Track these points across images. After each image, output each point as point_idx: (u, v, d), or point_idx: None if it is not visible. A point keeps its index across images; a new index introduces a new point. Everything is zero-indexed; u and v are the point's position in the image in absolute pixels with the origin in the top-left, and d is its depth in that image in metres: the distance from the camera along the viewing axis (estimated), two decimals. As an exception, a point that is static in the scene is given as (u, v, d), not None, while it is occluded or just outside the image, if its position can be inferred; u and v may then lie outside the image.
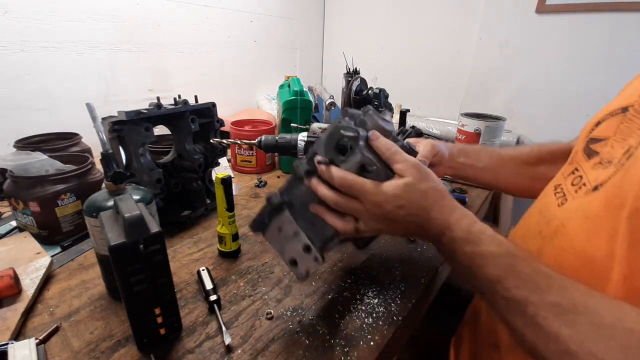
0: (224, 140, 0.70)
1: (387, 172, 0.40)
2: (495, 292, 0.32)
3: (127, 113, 0.60)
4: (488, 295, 0.34)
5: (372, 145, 0.41)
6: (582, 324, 0.27)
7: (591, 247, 0.34)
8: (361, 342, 0.46)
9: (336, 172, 0.40)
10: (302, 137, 0.66)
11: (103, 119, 0.60)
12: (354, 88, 0.99)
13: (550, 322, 0.28)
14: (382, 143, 0.41)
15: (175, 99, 0.70)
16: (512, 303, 0.30)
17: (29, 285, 0.52)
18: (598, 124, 0.42)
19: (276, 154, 0.92)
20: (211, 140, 0.71)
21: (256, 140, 0.66)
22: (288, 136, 0.66)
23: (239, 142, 0.70)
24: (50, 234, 0.64)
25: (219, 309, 0.49)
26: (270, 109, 1.51)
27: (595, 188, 0.36)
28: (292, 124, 1.11)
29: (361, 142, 0.41)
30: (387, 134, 0.43)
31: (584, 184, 0.38)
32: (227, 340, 0.44)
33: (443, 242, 0.38)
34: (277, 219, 0.46)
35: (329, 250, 0.46)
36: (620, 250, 0.30)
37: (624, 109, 0.39)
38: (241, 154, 1.02)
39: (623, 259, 0.30)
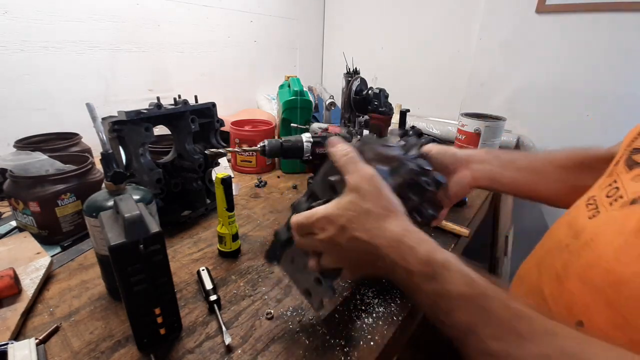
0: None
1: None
2: (467, 341, 0.27)
3: (127, 113, 0.60)
4: (459, 344, 0.28)
5: (330, 154, 0.37)
6: None
7: (620, 265, 0.30)
8: (361, 342, 0.46)
9: (292, 218, 0.38)
10: (307, 138, 0.64)
11: (103, 119, 0.60)
12: (354, 88, 0.99)
13: None
14: (338, 149, 0.36)
15: (175, 99, 0.70)
16: (489, 357, 0.26)
17: (29, 285, 0.52)
18: None
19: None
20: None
21: (258, 145, 0.61)
22: (293, 138, 0.65)
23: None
24: (50, 234, 0.64)
25: (219, 309, 0.49)
26: (270, 109, 1.51)
27: (634, 201, 0.32)
28: (292, 124, 1.11)
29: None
30: (391, 159, 0.40)
31: (621, 196, 0.34)
32: (227, 340, 0.44)
33: (398, 276, 0.31)
34: (289, 251, 0.46)
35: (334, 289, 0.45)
36: None
37: None
38: (241, 154, 1.02)
39: None
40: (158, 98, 0.67)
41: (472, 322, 0.26)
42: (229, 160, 1.10)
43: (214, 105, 0.77)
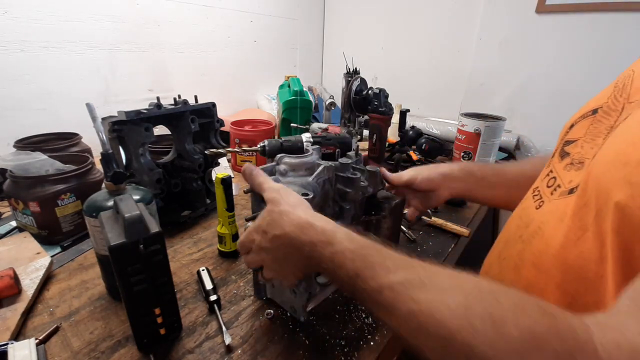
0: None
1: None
2: (356, 287, 0.32)
3: (127, 113, 0.60)
4: (355, 294, 0.33)
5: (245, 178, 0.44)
6: (428, 292, 0.28)
7: (564, 249, 0.34)
8: (361, 342, 0.46)
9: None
10: (307, 138, 0.64)
11: (103, 119, 0.60)
12: (354, 88, 0.99)
13: (402, 300, 0.28)
14: (254, 177, 0.43)
15: (175, 99, 0.70)
16: (372, 293, 0.31)
17: (29, 285, 0.52)
18: (572, 126, 0.43)
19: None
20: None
21: (258, 145, 0.62)
22: (293, 138, 0.65)
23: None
24: (50, 234, 0.64)
25: (219, 309, 0.49)
26: (270, 109, 1.51)
27: (572, 191, 0.36)
28: (292, 124, 1.11)
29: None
30: (307, 166, 0.48)
31: (559, 186, 0.39)
32: (227, 340, 0.44)
33: (306, 253, 0.35)
34: None
35: (314, 287, 0.49)
36: (595, 250, 0.31)
37: (594, 111, 0.40)
38: (241, 154, 1.02)
39: (599, 259, 0.30)
40: (158, 98, 0.67)
41: (358, 268, 0.32)
42: (229, 160, 1.10)
43: (214, 105, 0.77)
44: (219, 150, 0.63)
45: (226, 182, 0.58)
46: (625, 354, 0.21)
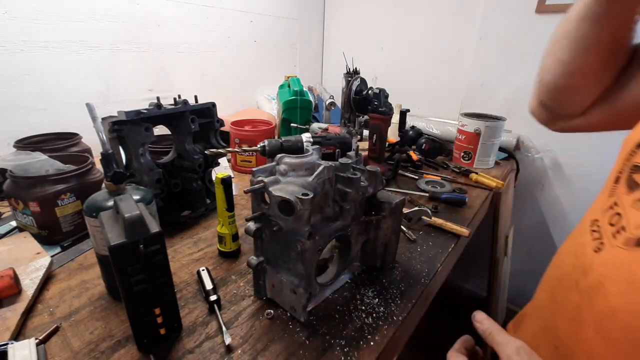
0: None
1: None
2: None
3: (127, 113, 0.60)
4: None
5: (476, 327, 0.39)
6: None
7: (638, 321, 0.28)
8: (361, 342, 0.46)
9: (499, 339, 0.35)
10: (307, 138, 0.64)
11: (103, 119, 0.60)
12: (354, 88, 0.99)
13: None
14: (484, 327, 0.37)
15: (175, 99, 0.70)
16: None
17: (29, 285, 0.52)
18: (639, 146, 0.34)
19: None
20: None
21: (258, 145, 0.61)
22: (293, 138, 0.65)
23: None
24: (50, 234, 0.64)
25: (219, 309, 0.49)
26: (270, 109, 1.51)
27: (639, 242, 0.29)
28: (292, 124, 1.11)
29: None
30: (307, 165, 0.48)
31: (623, 228, 0.31)
32: (227, 340, 0.44)
33: None
34: (266, 278, 0.52)
35: (314, 287, 0.50)
36: None
37: None
38: (241, 154, 1.02)
39: None
40: (158, 98, 0.67)
41: None
42: (229, 160, 1.10)
43: (214, 105, 0.77)
44: (219, 150, 0.63)
45: (226, 182, 0.58)
46: None
